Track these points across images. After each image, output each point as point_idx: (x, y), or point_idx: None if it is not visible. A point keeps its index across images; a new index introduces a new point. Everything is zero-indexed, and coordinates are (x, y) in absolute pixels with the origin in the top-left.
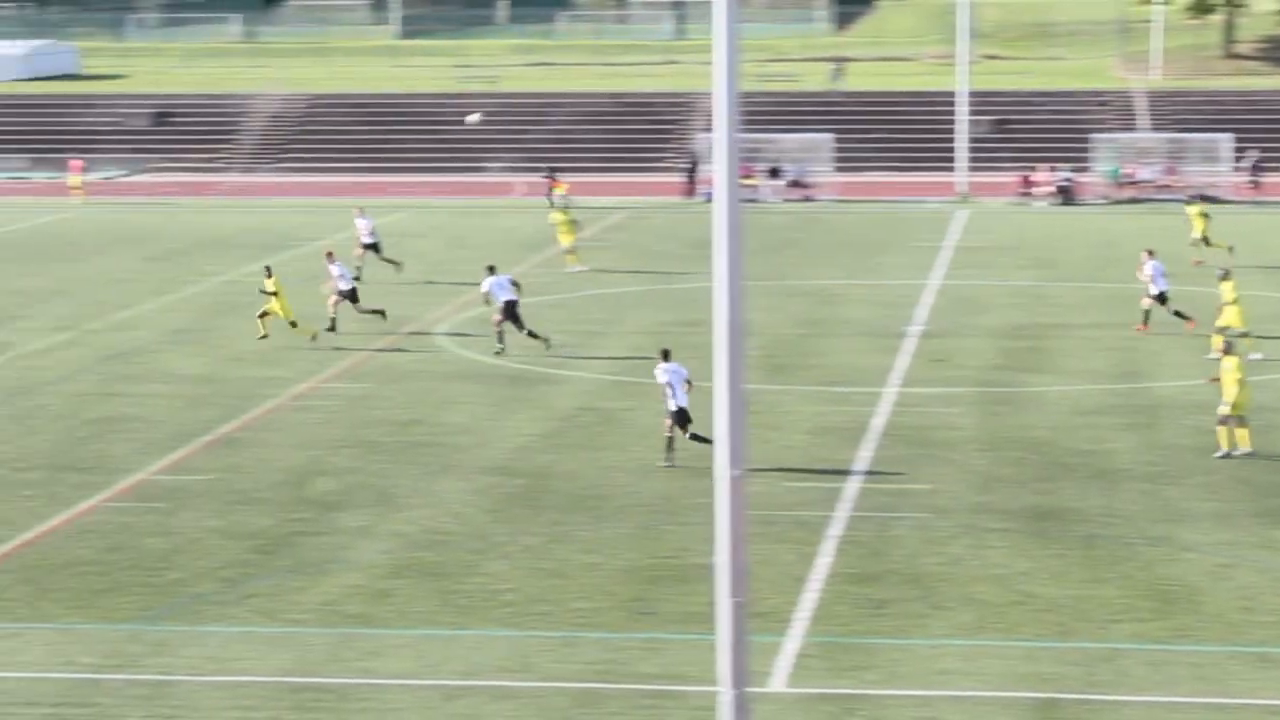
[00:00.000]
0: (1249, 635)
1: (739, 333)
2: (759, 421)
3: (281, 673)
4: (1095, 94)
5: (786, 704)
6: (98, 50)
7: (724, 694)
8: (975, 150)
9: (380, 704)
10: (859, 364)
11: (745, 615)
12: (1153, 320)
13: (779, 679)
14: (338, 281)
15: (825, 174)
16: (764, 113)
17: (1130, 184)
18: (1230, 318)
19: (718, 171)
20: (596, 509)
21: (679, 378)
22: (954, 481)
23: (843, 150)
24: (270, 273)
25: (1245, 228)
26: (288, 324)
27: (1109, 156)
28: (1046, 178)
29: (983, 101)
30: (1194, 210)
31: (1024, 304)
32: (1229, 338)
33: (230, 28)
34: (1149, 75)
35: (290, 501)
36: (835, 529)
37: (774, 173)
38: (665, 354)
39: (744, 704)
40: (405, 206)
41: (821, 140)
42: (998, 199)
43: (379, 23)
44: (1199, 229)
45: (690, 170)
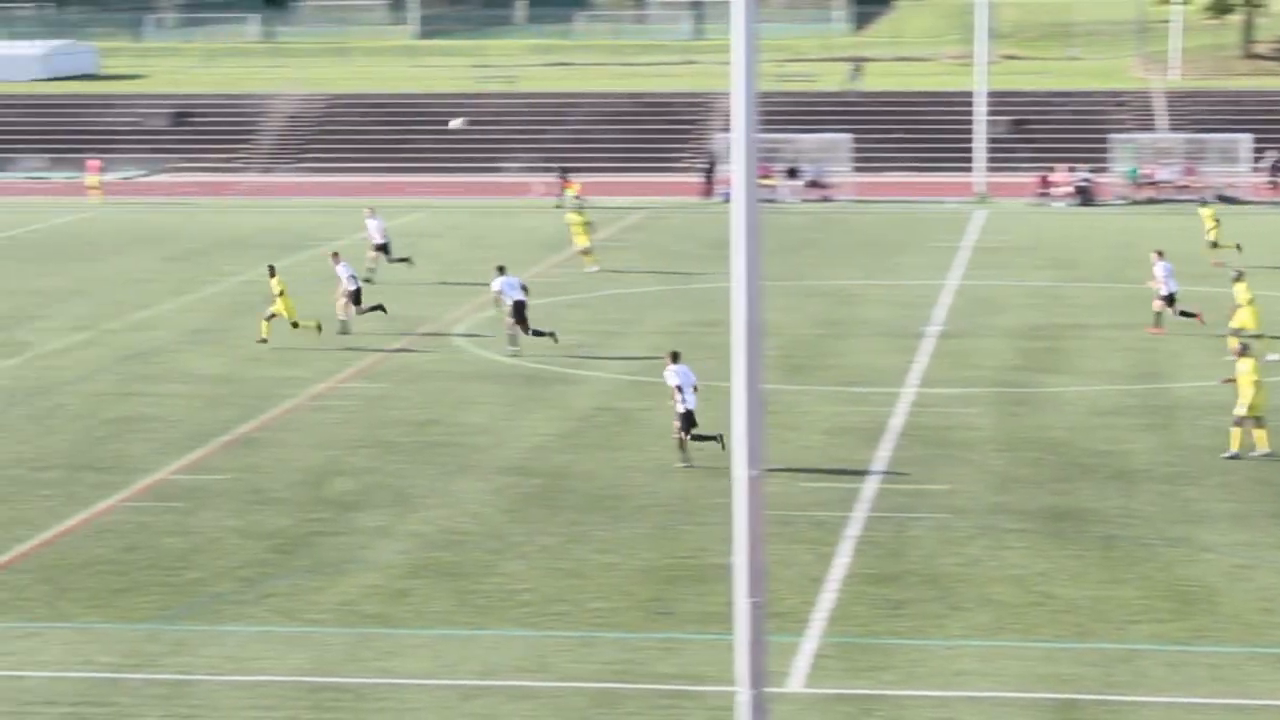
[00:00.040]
0: (1268, 636)
1: (757, 333)
2: (777, 422)
3: (299, 672)
4: (1114, 94)
5: (804, 704)
6: (116, 50)
7: (742, 694)
8: (993, 150)
9: (398, 704)
10: (877, 364)
11: (763, 615)
12: (1166, 321)
13: (797, 679)
14: (345, 282)
15: (843, 174)
16: (782, 113)
17: (1149, 184)
18: (1245, 319)
19: (736, 171)
20: (614, 509)
21: (688, 380)
22: (972, 482)
23: (861, 150)
24: (274, 272)
25: (1264, 228)
26: (289, 324)
27: (1127, 157)
28: (1065, 178)
29: (1001, 102)
30: (1206, 212)
31: (1042, 304)
32: (1243, 339)
33: (249, 28)
34: (1168, 75)
35: (308, 501)
36: (853, 529)
37: (792, 173)
38: (675, 356)
39: (762, 704)
40: (423, 206)
41: (840, 140)
42: (1016, 199)
43: (397, 23)
44: (1213, 232)
45: (708, 170)
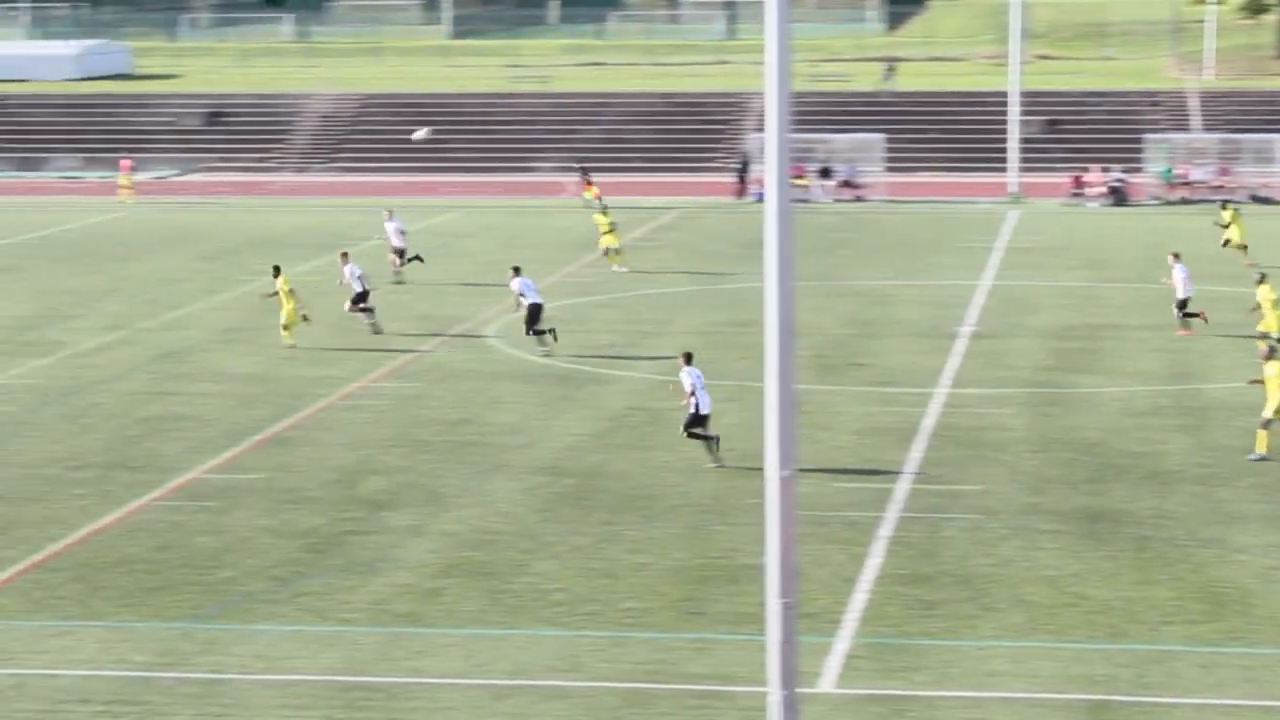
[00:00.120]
0: None
1: (789, 333)
2: (809, 422)
3: (331, 671)
4: (1148, 94)
5: (836, 705)
6: (151, 50)
7: (773, 694)
8: (1027, 151)
9: (430, 703)
10: (910, 364)
11: (795, 616)
12: (1193, 323)
13: (828, 680)
14: (351, 283)
15: (876, 174)
16: (815, 113)
17: (1183, 185)
18: (1270, 322)
19: (769, 171)
20: (646, 509)
21: (701, 382)
22: (1005, 482)
23: (894, 150)
24: (279, 272)
25: None
26: (281, 327)
27: (1162, 157)
28: (1098, 178)
29: (1035, 102)
30: (1227, 214)
31: (1075, 305)
32: (1271, 343)
33: (282, 28)
34: (1202, 75)
35: (341, 500)
36: (885, 530)
37: (825, 173)
38: (688, 357)
39: (793, 705)
40: (456, 206)
41: (873, 140)
42: (1049, 200)
43: (430, 23)
44: (1234, 233)
45: (741, 170)
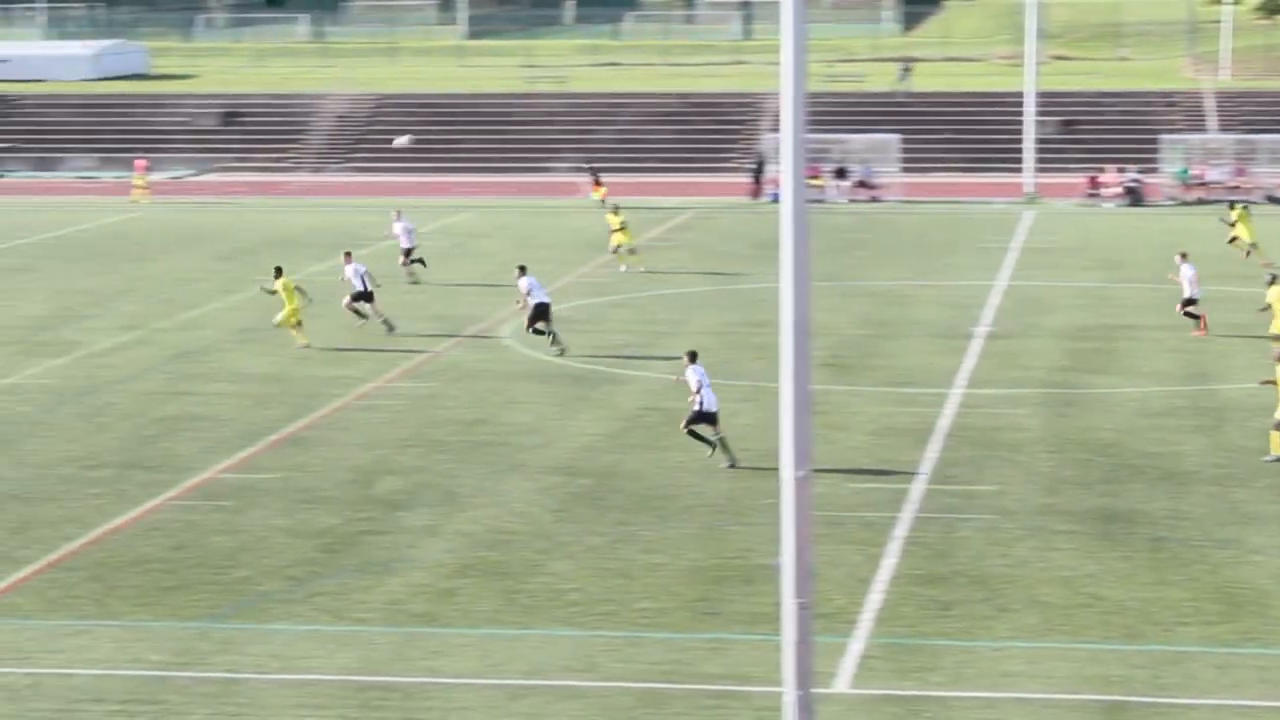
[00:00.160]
0: None
1: (805, 333)
2: (824, 422)
3: (347, 671)
4: (1164, 95)
5: (851, 705)
6: (166, 50)
7: (788, 695)
8: (1043, 151)
9: (445, 703)
10: (925, 365)
11: (810, 616)
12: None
13: (843, 680)
14: (352, 280)
15: (892, 174)
16: (831, 113)
17: (1199, 185)
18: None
19: (785, 172)
20: (661, 509)
21: (706, 380)
22: (1020, 483)
23: (910, 151)
24: (280, 273)
25: None
26: (275, 324)
27: (1177, 157)
28: (1114, 179)
29: (1051, 102)
30: (1234, 213)
31: (1091, 305)
32: None
33: (298, 28)
34: (1218, 76)
35: (356, 500)
36: (901, 530)
37: (840, 173)
38: (693, 355)
39: (808, 705)
40: (472, 206)
41: (888, 141)
42: (1065, 200)
43: (446, 23)
44: (1245, 232)
45: (757, 170)
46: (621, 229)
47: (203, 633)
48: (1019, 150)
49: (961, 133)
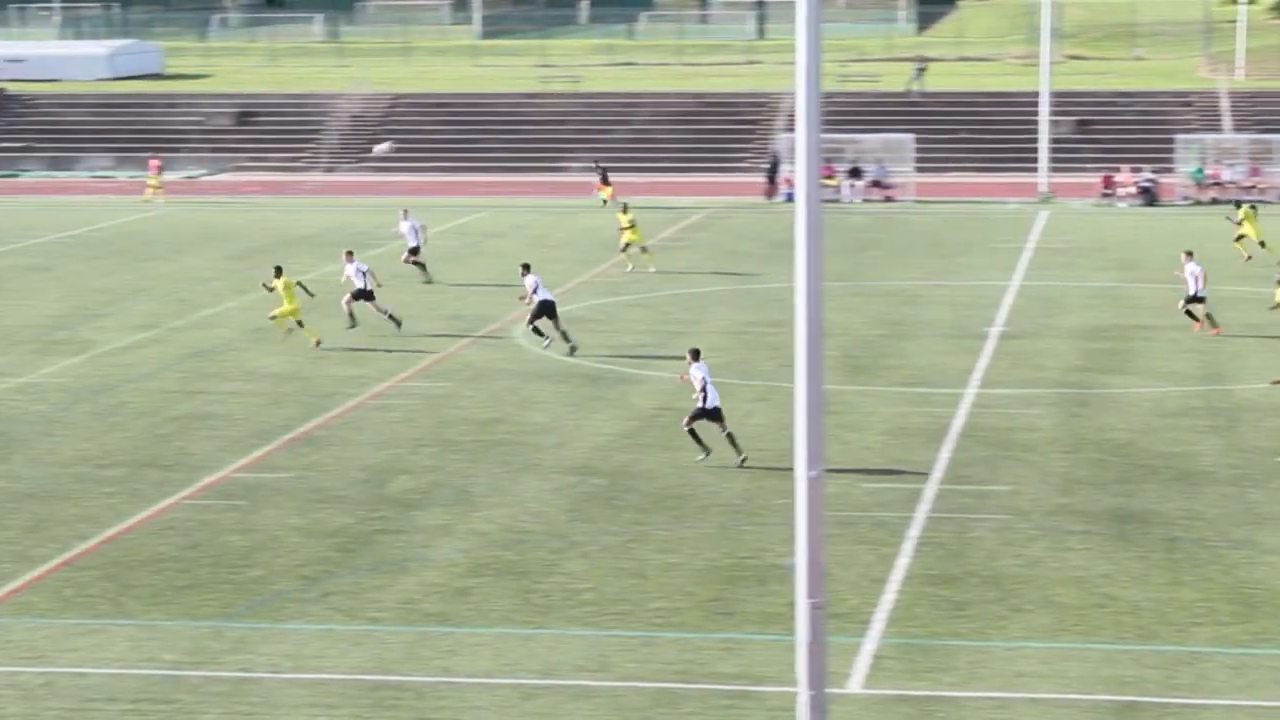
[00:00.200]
0: None
1: (819, 333)
2: (838, 422)
3: (360, 670)
4: (1179, 95)
5: (864, 705)
6: (181, 50)
7: (802, 695)
8: (1057, 151)
9: (458, 702)
10: (939, 365)
11: (823, 616)
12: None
13: (857, 680)
14: (354, 279)
15: (906, 174)
16: (845, 113)
17: (1214, 185)
18: None
19: (799, 172)
20: (676, 509)
21: (710, 377)
22: (1034, 483)
23: (924, 151)
24: (280, 273)
25: None
26: (269, 318)
27: (1192, 157)
28: (1129, 179)
29: (1065, 102)
30: (1241, 212)
31: (1105, 305)
32: None
33: (313, 27)
34: (1233, 76)
35: (370, 500)
36: (914, 530)
37: (855, 173)
38: (696, 354)
39: (822, 705)
40: (486, 206)
41: (903, 140)
42: (1080, 200)
43: (460, 22)
44: (1251, 231)
45: (771, 170)
46: (631, 227)
47: (216, 632)
48: (1034, 150)
49: (976, 133)
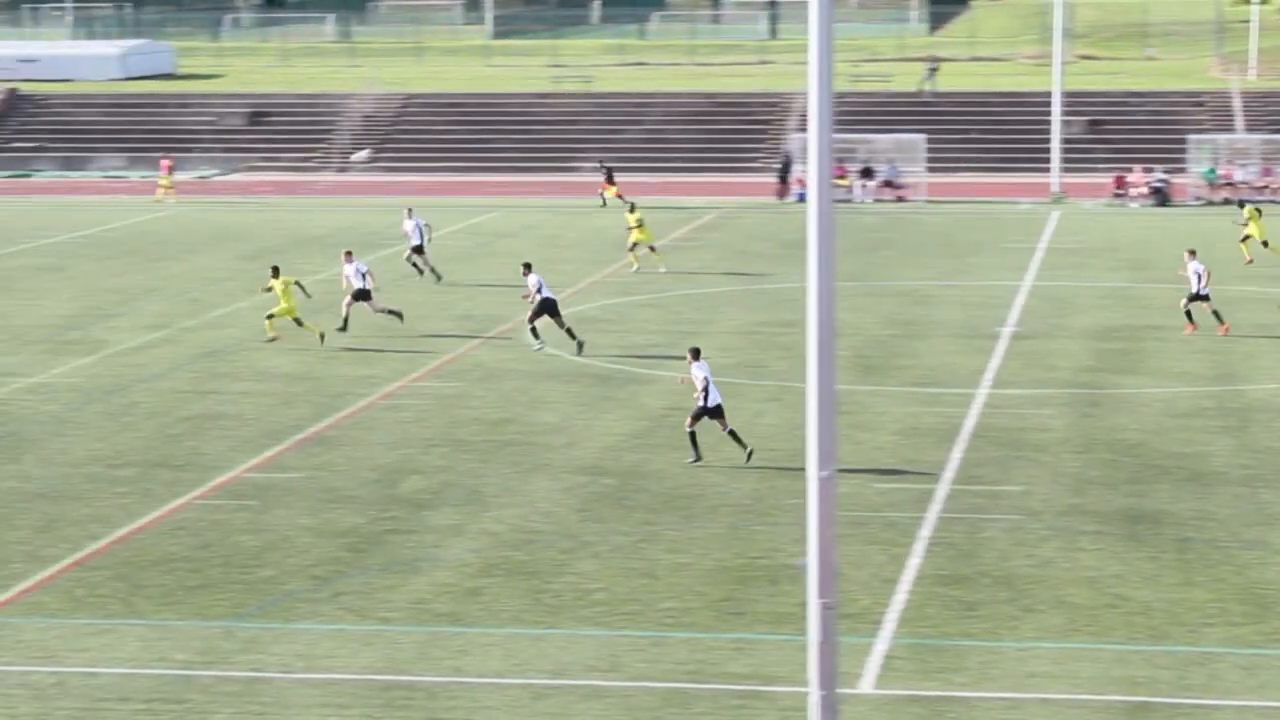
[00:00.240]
0: None
1: (830, 333)
2: (850, 422)
3: (371, 670)
4: (1191, 95)
5: (875, 705)
6: (193, 50)
7: (813, 695)
8: (1069, 151)
9: (469, 702)
10: (951, 365)
11: (835, 617)
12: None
13: (868, 680)
14: (352, 281)
15: (918, 174)
16: (857, 113)
17: (1226, 185)
18: None
19: (811, 172)
20: (686, 509)
21: (711, 376)
22: (1046, 483)
23: (936, 151)
24: (277, 273)
25: None
26: (266, 316)
27: (1204, 157)
28: (1141, 179)
29: (1077, 102)
30: (1246, 212)
31: (1117, 305)
32: None
33: (325, 28)
34: (1246, 76)
35: (381, 500)
36: (926, 530)
37: (867, 173)
38: (696, 353)
39: (833, 705)
40: (498, 206)
41: (914, 140)
42: (1092, 200)
43: (472, 22)
44: (1256, 231)
45: (783, 170)
46: (639, 227)
47: (227, 632)
48: (1045, 150)
49: (988, 133)
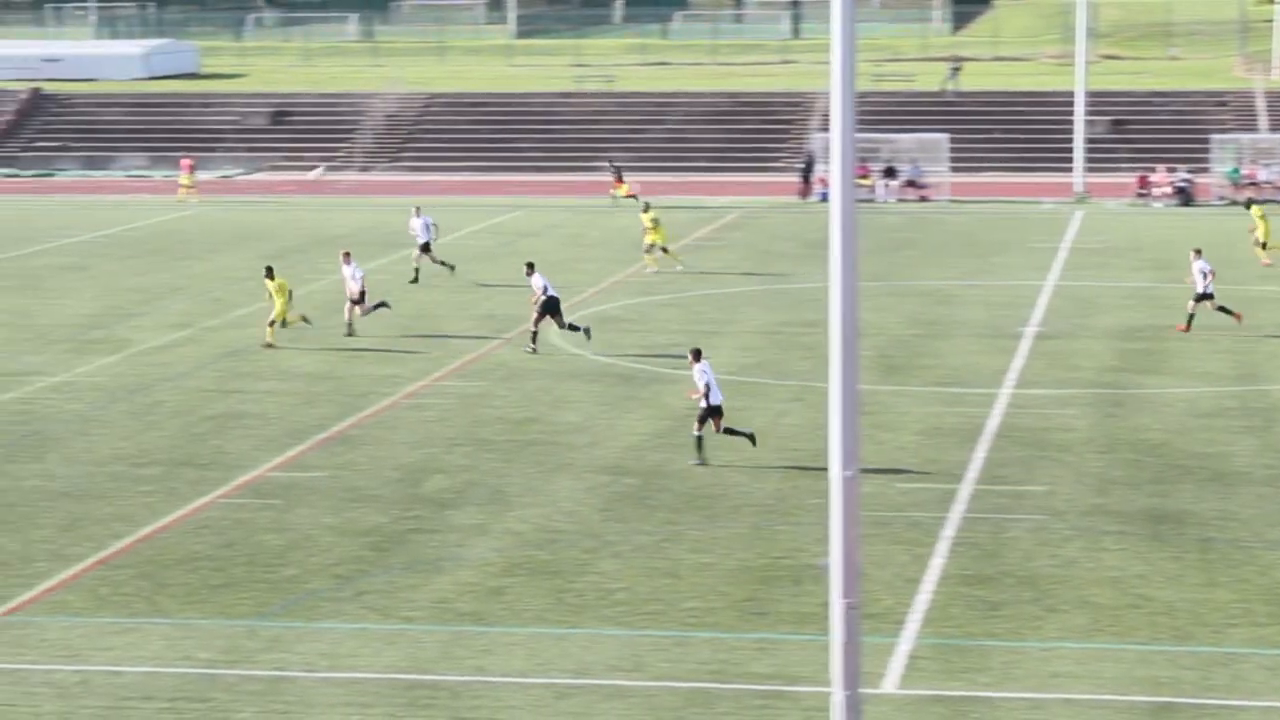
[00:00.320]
0: None
1: (853, 333)
2: (872, 422)
3: (394, 669)
4: (1215, 94)
5: (899, 705)
6: (216, 50)
7: (836, 695)
8: (1093, 151)
9: (492, 701)
10: (974, 365)
11: (858, 616)
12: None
13: (891, 680)
14: (350, 283)
15: (941, 174)
16: (880, 112)
17: (1249, 185)
18: None
19: (834, 171)
20: (709, 508)
21: (713, 376)
22: (1069, 483)
23: (959, 150)
24: (272, 274)
25: None
26: (280, 323)
27: (1228, 157)
28: (1164, 178)
29: (1100, 102)
30: (1256, 212)
31: (1140, 305)
32: None
33: (348, 27)
34: (1269, 75)
35: (404, 499)
36: (949, 530)
37: (889, 173)
38: (697, 354)
39: (856, 705)
40: (520, 205)
41: (937, 140)
42: (1115, 200)
43: (495, 22)
44: (1262, 231)
45: (806, 170)
46: (654, 227)
47: (251, 631)
48: (1069, 150)
49: (1011, 132)
